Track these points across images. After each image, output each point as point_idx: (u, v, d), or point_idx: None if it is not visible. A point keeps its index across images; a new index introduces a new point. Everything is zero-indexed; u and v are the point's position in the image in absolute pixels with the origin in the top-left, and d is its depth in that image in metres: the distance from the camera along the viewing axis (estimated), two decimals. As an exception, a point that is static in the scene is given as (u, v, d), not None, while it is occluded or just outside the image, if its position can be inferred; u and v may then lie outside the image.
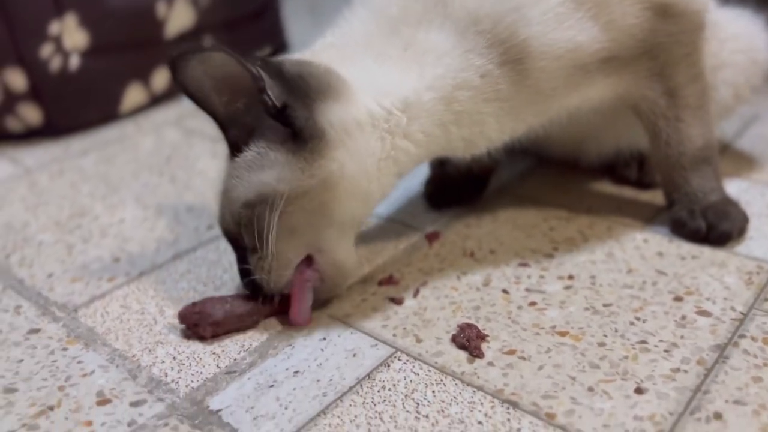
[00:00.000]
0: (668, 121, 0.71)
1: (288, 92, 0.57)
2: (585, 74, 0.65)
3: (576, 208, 0.81)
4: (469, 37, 0.61)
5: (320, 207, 0.58)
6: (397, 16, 0.63)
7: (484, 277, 0.69)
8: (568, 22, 0.62)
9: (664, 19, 0.66)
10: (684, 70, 0.69)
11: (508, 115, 0.65)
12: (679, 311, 0.62)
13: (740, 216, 0.72)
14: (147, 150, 1.09)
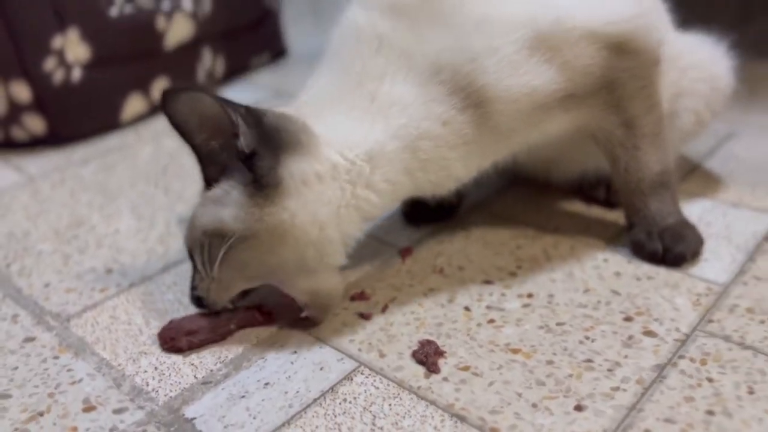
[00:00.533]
0: (626, 149, 0.74)
1: (260, 141, 0.62)
2: (544, 112, 0.69)
3: (544, 227, 0.85)
4: (431, 87, 0.65)
5: (268, 249, 0.63)
6: (360, 71, 0.67)
7: (449, 294, 0.73)
8: (523, 68, 0.66)
9: (620, 56, 0.69)
10: (640, 102, 0.72)
11: (473, 156, 0.69)
12: (627, 331, 0.66)
13: (695, 238, 0.76)
14: (145, 159, 1.14)
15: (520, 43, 0.65)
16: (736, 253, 0.77)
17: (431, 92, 0.65)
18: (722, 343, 0.63)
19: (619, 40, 0.69)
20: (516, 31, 0.65)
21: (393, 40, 0.67)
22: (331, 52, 0.72)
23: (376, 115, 0.66)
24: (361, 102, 0.66)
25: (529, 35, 0.66)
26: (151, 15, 1.26)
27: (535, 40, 0.66)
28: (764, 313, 0.67)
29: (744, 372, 0.60)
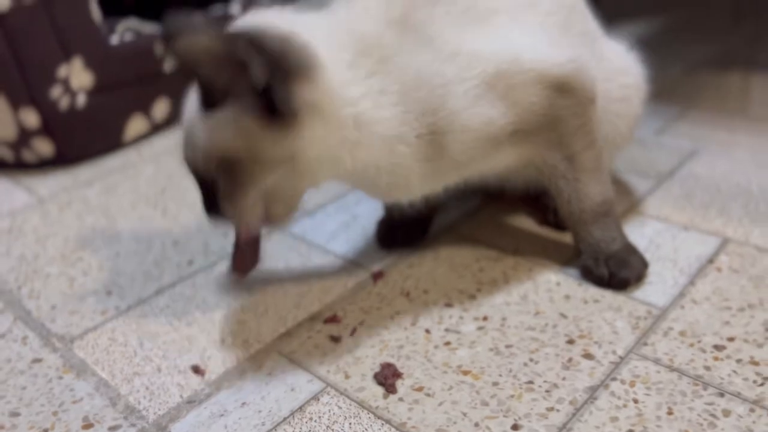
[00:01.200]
0: (568, 182, 0.81)
1: (270, 71, 0.64)
2: (496, 145, 0.76)
3: (506, 249, 0.92)
4: (410, 100, 0.72)
5: (285, 174, 0.70)
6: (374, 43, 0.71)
7: (413, 317, 0.81)
8: (483, 100, 0.73)
9: (561, 95, 0.76)
10: (580, 139, 0.79)
11: (431, 175, 0.76)
12: (568, 354, 0.73)
13: (639, 263, 0.83)
14: (146, 179, 1.22)
15: (482, 77, 0.72)
16: (679, 276, 0.83)
17: (410, 105, 0.72)
18: (652, 366, 0.70)
19: (560, 80, 0.76)
20: (480, 65, 0.72)
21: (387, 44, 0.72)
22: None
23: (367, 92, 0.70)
24: (362, 67, 0.71)
25: (490, 71, 0.73)
26: (151, 41, 1.33)
27: (493, 77, 0.73)
28: (695, 336, 0.74)
29: (667, 393, 0.67)
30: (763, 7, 2.04)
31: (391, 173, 0.75)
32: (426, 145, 0.74)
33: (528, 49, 0.75)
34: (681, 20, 1.83)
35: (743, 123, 1.24)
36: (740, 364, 0.69)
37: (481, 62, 0.72)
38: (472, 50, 0.73)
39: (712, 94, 1.38)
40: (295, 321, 0.82)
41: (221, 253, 0.97)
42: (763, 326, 0.74)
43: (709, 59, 1.58)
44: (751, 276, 0.82)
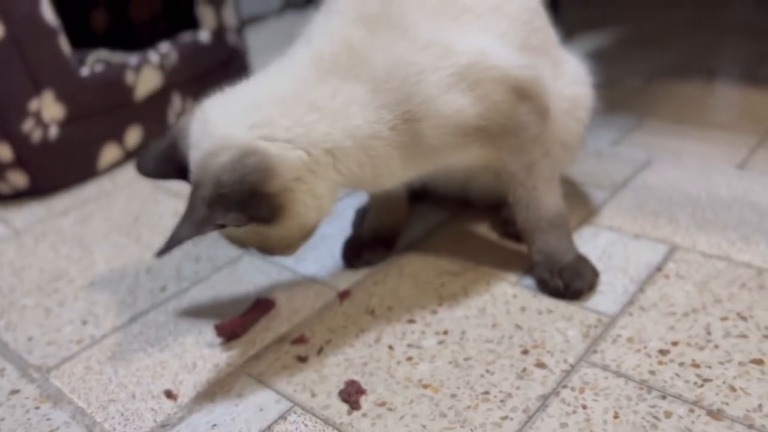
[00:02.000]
0: (527, 189, 0.85)
1: (239, 206, 0.73)
2: (464, 138, 0.81)
3: (466, 264, 0.96)
4: (382, 94, 0.77)
5: (287, 236, 0.80)
6: (329, 66, 0.77)
7: (377, 334, 0.84)
8: (454, 89, 0.78)
9: (521, 100, 0.81)
10: (537, 147, 0.84)
11: (409, 160, 0.81)
12: (522, 363, 0.77)
13: (591, 274, 0.87)
14: (119, 208, 1.25)
15: (454, 68, 0.77)
16: (629, 284, 0.88)
17: (382, 99, 0.77)
18: (600, 373, 0.74)
19: (520, 84, 0.81)
20: (453, 57, 0.78)
21: (357, 46, 0.78)
22: (303, 40, 0.82)
23: (336, 113, 0.76)
24: (323, 97, 0.77)
25: (462, 62, 0.78)
26: (120, 70, 1.36)
27: (465, 68, 0.78)
28: (641, 342, 0.78)
29: (614, 398, 0.71)
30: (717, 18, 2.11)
31: (373, 165, 0.80)
32: (401, 135, 0.78)
33: (494, 50, 0.81)
34: (637, 31, 1.89)
35: (695, 131, 1.29)
36: (682, 367, 0.74)
37: (455, 53, 0.78)
38: (447, 42, 0.79)
39: (667, 103, 1.44)
40: (263, 343, 0.85)
41: (193, 279, 1.00)
42: (705, 330, 0.78)
43: (665, 68, 1.64)
44: (696, 282, 0.87)
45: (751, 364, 0.73)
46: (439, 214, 1.09)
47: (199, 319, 0.91)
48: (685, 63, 1.67)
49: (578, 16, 0.96)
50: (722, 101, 1.45)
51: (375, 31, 0.78)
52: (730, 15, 2.09)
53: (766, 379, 0.71)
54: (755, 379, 0.71)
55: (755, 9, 2.09)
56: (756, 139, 1.23)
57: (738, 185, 1.08)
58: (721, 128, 1.31)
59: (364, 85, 0.77)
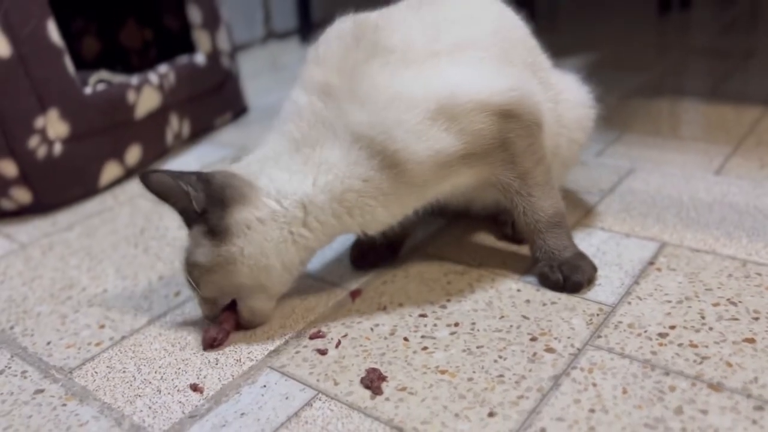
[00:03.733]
0: (522, 197, 0.91)
1: (209, 200, 0.84)
2: (450, 168, 0.86)
3: (470, 263, 1.01)
4: (353, 152, 0.83)
5: (229, 276, 0.85)
6: (299, 139, 0.86)
7: (391, 327, 0.89)
8: (425, 136, 0.82)
9: (507, 120, 0.86)
10: (530, 157, 0.89)
11: (394, 204, 0.86)
12: (532, 349, 0.82)
13: (589, 268, 0.93)
14: (124, 222, 1.28)
15: (422, 115, 0.82)
16: (624, 277, 0.94)
17: (353, 156, 0.84)
18: (606, 354, 0.79)
19: (503, 108, 0.86)
20: (418, 106, 0.82)
21: (324, 115, 0.86)
22: (279, 121, 0.91)
23: (307, 173, 0.85)
24: (296, 162, 0.86)
25: (430, 108, 0.82)
26: (123, 91, 1.40)
27: (434, 113, 0.83)
28: (641, 327, 0.83)
29: (621, 377, 0.76)
30: (685, 42, 2.23)
31: (351, 215, 0.87)
32: (377, 184, 0.85)
33: (464, 84, 0.85)
34: (611, 55, 1.99)
35: (672, 142, 1.37)
36: (681, 347, 0.79)
37: (420, 102, 0.82)
38: (410, 93, 0.83)
39: (644, 118, 1.52)
40: (282, 339, 0.88)
41: (206, 284, 1.03)
42: (699, 315, 0.84)
43: (641, 87, 1.73)
44: (687, 273, 0.93)
45: (744, 342, 0.79)
46: (438, 221, 1.15)
47: (217, 319, 0.94)
48: (658, 82, 1.77)
49: (553, 42, 1.03)
50: (694, 115, 1.54)
51: (338, 101, 0.85)
52: (696, 38, 2.22)
53: (759, 356, 0.77)
54: (749, 355, 0.77)
55: (719, 34, 2.22)
56: (729, 148, 1.32)
57: (716, 189, 1.16)
58: (696, 139, 1.39)
59: (333, 149, 0.84)
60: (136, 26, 1.89)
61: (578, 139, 1.02)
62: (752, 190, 1.14)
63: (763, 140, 1.34)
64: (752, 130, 1.39)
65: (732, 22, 2.35)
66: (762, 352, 0.77)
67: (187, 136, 1.62)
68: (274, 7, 2.86)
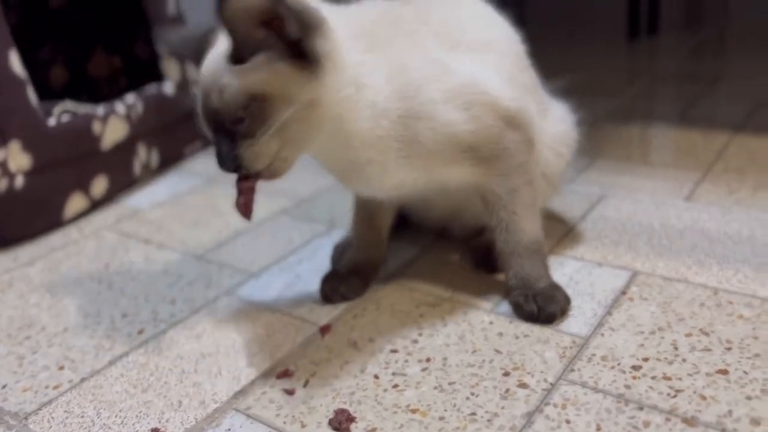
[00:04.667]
0: (509, 213, 0.91)
1: (299, 26, 0.75)
2: (458, 153, 0.86)
3: (442, 295, 0.99)
4: (394, 83, 0.83)
5: (306, 118, 0.79)
6: (369, 28, 0.85)
7: (361, 364, 0.86)
8: (449, 104, 0.84)
9: (510, 128, 0.88)
10: (522, 175, 0.90)
11: (406, 161, 0.85)
12: (505, 385, 0.80)
13: (563, 299, 0.91)
14: (88, 256, 1.24)
15: (450, 84, 0.85)
16: (597, 307, 0.92)
17: (395, 85, 0.83)
18: (579, 389, 0.78)
19: (509, 113, 0.88)
20: (451, 77, 0.85)
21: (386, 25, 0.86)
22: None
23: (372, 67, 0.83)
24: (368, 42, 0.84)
25: (455, 81, 0.85)
26: (88, 120, 1.37)
27: (459, 89, 0.85)
28: (615, 359, 0.82)
29: (594, 412, 0.74)
30: (653, 67, 2.26)
31: (373, 147, 0.84)
32: (403, 128, 0.83)
33: (487, 80, 0.88)
34: (580, 81, 2.00)
35: (643, 168, 1.38)
36: (655, 380, 0.78)
37: (452, 74, 0.85)
38: (447, 63, 0.86)
39: (615, 144, 1.53)
40: (248, 379, 0.86)
41: (171, 321, 1.00)
42: (672, 345, 0.83)
43: (610, 113, 1.75)
44: (659, 303, 0.92)
45: (717, 374, 0.78)
46: (410, 250, 1.13)
47: (181, 358, 0.91)
48: (627, 109, 1.79)
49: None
50: (664, 141, 1.55)
51: (395, 31, 0.86)
52: (664, 64, 2.25)
53: (732, 387, 0.76)
54: (722, 387, 0.76)
55: (686, 59, 2.25)
56: (698, 174, 1.32)
57: (687, 215, 1.16)
58: (666, 165, 1.40)
59: (384, 64, 0.83)
60: (105, 55, 1.86)
61: (564, 154, 1.03)
62: (722, 216, 1.15)
63: (731, 166, 1.35)
64: (720, 155, 1.40)
65: (699, 47, 2.39)
66: (735, 384, 0.76)
67: (155, 166, 1.59)
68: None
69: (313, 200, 1.38)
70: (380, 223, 1.04)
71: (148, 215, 1.39)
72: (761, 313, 0.88)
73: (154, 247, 1.25)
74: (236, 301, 1.04)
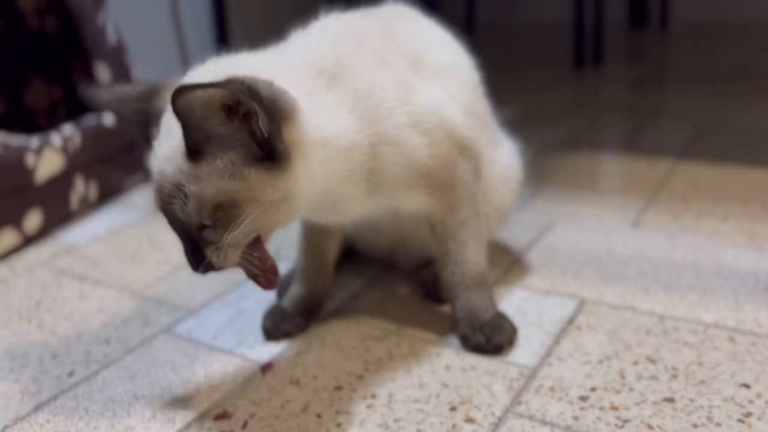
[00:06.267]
0: (457, 244, 0.90)
1: (269, 120, 0.69)
2: (417, 179, 0.85)
3: (389, 328, 0.97)
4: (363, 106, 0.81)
5: (277, 211, 0.74)
6: (319, 66, 0.81)
7: (303, 403, 0.83)
8: (414, 129, 0.83)
9: (462, 156, 0.88)
10: (470, 206, 0.90)
11: (372, 189, 0.84)
12: (451, 420, 0.77)
13: (510, 329, 0.90)
14: (18, 294, 1.18)
15: (415, 108, 0.84)
16: (545, 337, 0.91)
17: (363, 111, 0.80)
18: (527, 422, 0.76)
19: (464, 142, 0.88)
20: (415, 99, 0.84)
21: (344, 59, 0.82)
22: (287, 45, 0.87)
23: (331, 108, 0.79)
24: (320, 90, 0.79)
25: (421, 105, 0.84)
26: (20, 153, 1.32)
27: (421, 114, 0.84)
28: (562, 390, 0.80)
29: (542, 446, 0.72)
30: (597, 98, 2.31)
31: (348, 183, 0.82)
32: (373, 158, 0.81)
33: (446, 105, 0.87)
34: (524, 111, 2.03)
35: (589, 196, 1.39)
36: (602, 410, 0.76)
37: (418, 98, 0.84)
38: (413, 85, 0.85)
39: (562, 172, 1.54)
40: (184, 422, 0.81)
41: (104, 361, 0.95)
42: (619, 374, 0.82)
43: (557, 142, 1.76)
44: (606, 331, 0.91)
45: (663, 402, 0.77)
46: (356, 283, 1.10)
47: (113, 401, 0.86)
48: (573, 137, 1.81)
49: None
50: (609, 169, 1.57)
51: (360, 51, 0.84)
52: (609, 93, 2.30)
53: (679, 415, 0.75)
54: (669, 416, 0.75)
55: (630, 89, 2.30)
56: (643, 200, 1.33)
57: (633, 242, 1.17)
58: (612, 192, 1.41)
59: (348, 93, 0.80)
60: (43, 85, 1.80)
61: (513, 188, 1.03)
62: (667, 242, 1.15)
63: (675, 192, 1.37)
64: (664, 182, 1.42)
65: (641, 78, 2.45)
66: (681, 412, 0.75)
67: (94, 199, 1.53)
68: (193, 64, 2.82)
69: (259, 232, 1.34)
70: (327, 255, 1.01)
71: (84, 251, 1.33)
72: (705, 339, 0.88)
73: (90, 284, 1.19)
74: (174, 339, 0.99)
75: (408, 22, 0.94)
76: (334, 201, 0.84)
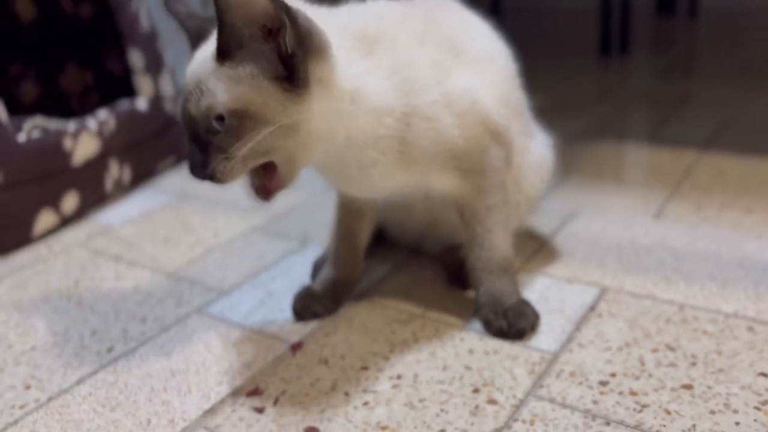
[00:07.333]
0: (484, 229, 0.92)
1: (296, 43, 0.73)
2: (446, 160, 0.88)
3: (414, 312, 1.00)
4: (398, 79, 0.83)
5: (286, 138, 0.77)
6: (363, 32, 0.84)
7: (331, 382, 0.86)
8: (446, 109, 0.86)
9: (495, 143, 0.90)
10: (500, 193, 0.92)
11: (403, 163, 0.86)
12: (474, 401, 0.80)
13: (533, 315, 0.92)
14: (57, 273, 1.23)
15: (447, 88, 0.86)
16: (566, 324, 0.94)
17: (398, 81, 0.83)
18: (548, 405, 0.78)
19: (496, 128, 0.90)
20: (449, 83, 0.87)
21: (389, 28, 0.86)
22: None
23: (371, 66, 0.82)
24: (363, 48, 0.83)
25: (453, 89, 0.87)
26: (59, 137, 1.36)
27: (454, 95, 0.86)
28: (583, 375, 0.83)
29: (562, 428, 0.75)
30: (623, 87, 2.30)
31: (376, 147, 0.84)
32: (406, 127, 0.84)
33: (481, 91, 0.90)
34: (551, 100, 2.03)
35: (613, 186, 1.40)
36: (622, 395, 0.79)
37: (451, 80, 0.87)
38: (449, 68, 0.88)
39: (587, 162, 1.55)
40: (218, 397, 0.85)
41: (141, 339, 0.99)
42: (639, 361, 0.85)
43: (582, 131, 1.77)
44: (626, 319, 0.94)
45: (681, 389, 0.79)
46: (383, 268, 1.13)
47: (150, 376, 0.90)
48: (598, 127, 1.82)
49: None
50: (634, 159, 1.58)
51: (402, 30, 0.87)
52: (635, 82, 2.29)
53: (696, 402, 0.77)
54: (687, 402, 0.77)
55: (656, 78, 2.29)
56: (667, 192, 1.35)
57: (655, 232, 1.18)
58: (636, 183, 1.42)
59: (385, 62, 0.83)
60: (76, 70, 1.85)
61: (545, 178, 1.07)
62: (689, 233, 1.17)
63: (699, 184, 1.38)
64: (688, 173, 1.43)
65: (668, 67, 2.44)
66: (699, 398, 0.77)
67: (128, 182, 1.58)
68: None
69: (286, 217, 1.38)
70: (358, 238, 1.03)
71: (119, 232, 1.38)
72: (724, 328, 0.90)
73: (125, 265, 1.23)
74: (207, 318, 1.03)
75: (450, 11, 0.97)
76: (361, 165, 0.85)
